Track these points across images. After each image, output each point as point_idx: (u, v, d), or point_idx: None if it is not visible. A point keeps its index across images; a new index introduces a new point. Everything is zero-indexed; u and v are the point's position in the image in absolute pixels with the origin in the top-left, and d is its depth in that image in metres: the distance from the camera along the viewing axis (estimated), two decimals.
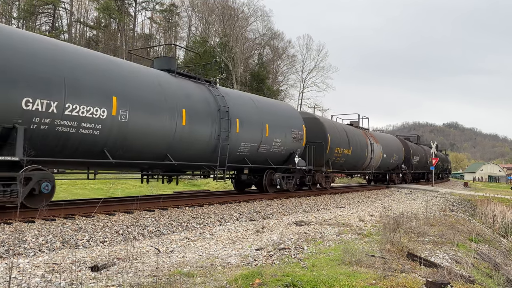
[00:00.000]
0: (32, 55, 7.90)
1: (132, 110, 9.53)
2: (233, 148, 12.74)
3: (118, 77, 9.51)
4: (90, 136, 8.76)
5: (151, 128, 10.01)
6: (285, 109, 16.52)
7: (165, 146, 10.57)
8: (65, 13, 56.38)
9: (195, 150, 11.55)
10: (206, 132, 11.68)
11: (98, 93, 8.82)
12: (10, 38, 7.77)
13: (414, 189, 26.27)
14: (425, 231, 8.91)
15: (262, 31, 62.78)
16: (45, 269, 5.03)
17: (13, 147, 7.49)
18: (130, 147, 9.73)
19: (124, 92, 9.40)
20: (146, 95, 10.02)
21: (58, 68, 8.24)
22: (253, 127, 13.63)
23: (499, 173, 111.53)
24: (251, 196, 14.52)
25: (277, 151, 14.93)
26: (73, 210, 8.91)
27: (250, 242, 7.31)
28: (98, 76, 8.99)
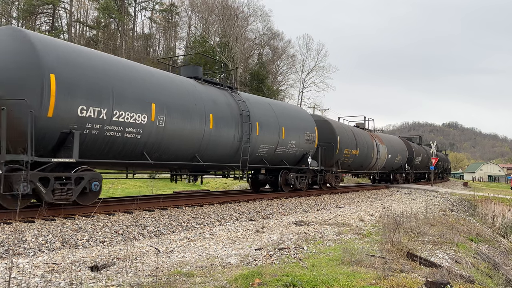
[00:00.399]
0: (87, 68, 8.82)
1: (168, 116, 10.47)
2: (253, 150, 13.71)
3: (156, 86, 10.46)
4: (132, 139, 9.67)
5: (183, 132, 10.97)
6: (299, 112, 17.57)
7: (194, 148, 11.51)
8: (65, 13, 56.36)
9: (220, 152, 12.47)
10: (230, 135, 12.62)
11: (139, 101, 9.77)
12: (71, 53, 8.73)
13: (413, 189, 26.29)
14: (425, 231, 8.92)
15: (262, 31, 62.83)
16: (45, 269, 5.03)
17: (70, 150, 8.37)
18: (166, 149, 10.65)
19: (161, 99, 10.35)
20: (179, 101, 10.96)
21: (107, 79, 9.19)
22: (271, 130, 14.57)
23: (499, 173, 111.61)
24: (252, 196, 14.53)
25: (292, 152, 15.81)
26: (73, 210, 8.91)
27: (250, 242, 7.31)
28: (139, 85, 9.94)
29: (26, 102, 7.68)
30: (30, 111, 7.67)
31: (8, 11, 51.59)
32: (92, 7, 58.17)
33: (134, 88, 9.75)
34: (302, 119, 16.90)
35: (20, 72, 7.95)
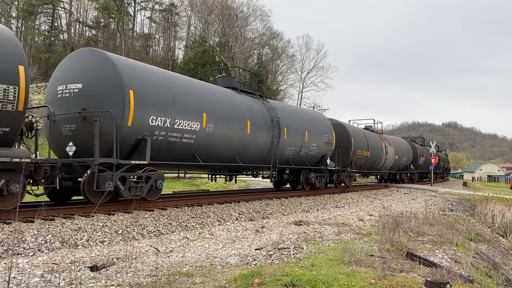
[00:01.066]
0: (155, 84, 10.42)
1: (216, 123, 12.01)
2: (281, 152, 15.28)
3: (206, 97, 12.08)
4: (187, 144, 11.18)
5: (227, 137, 12.52)
6: (318, 117, 19.29)
7: (234, 151, 13.06)
8: (64, 13, 56.34)
9: (255, 154, 14.01)
10: (263, 139, 14.21)
11: (194, 111, 11.32)
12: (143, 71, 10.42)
13: (413, 188, 26.30)
14: (424, 231, 8.92)
15: (262, 30, 62.85)
16: (44, 269, 5.03)
17: (143, 153, 9.82)
18: (213, 152, 12.19)
19: (210, 109, 11.91)
20: (224, 110, 12.54)
21: (171, 93, 10.74)
22: (297, 134, 16.17)
23: (498, 172, 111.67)
24: (252, 196, 14.53)
25: (313, 154, 17.44)
26: (73, 210, 8.91)
27: (250, 241, 7.31)
28: (194, 97, 11.56)
29: (112, 114, 9.10)
30: (115, 121, 9.13)
31: (7, 11, 51.56)
32: (92, 7, 58.16)
33: (191, 100, 11.37)
34: (321, 124, 18.52)
35: (105, 89, 9.39)
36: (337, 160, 19.30)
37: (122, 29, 55.66)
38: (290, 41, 69.39)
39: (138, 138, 9.80)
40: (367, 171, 25.10)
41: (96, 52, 10.11)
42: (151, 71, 10.85)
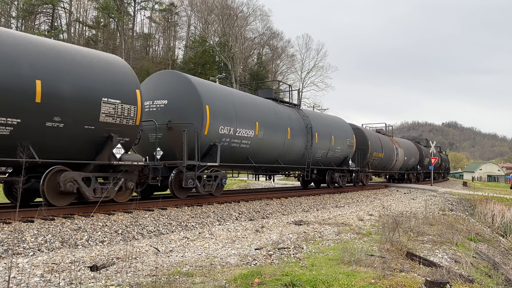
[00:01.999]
0: (222, 99, 12.60)
1: (265, 130, 14.10)
2: (313, 154, 17.46)
3: (257, 109, 14.30)
4: (244, 148, 13.31)
5: (273, 142, 14.65)
6: (342, 123, 21.34)
7: (278, 154, 15.24)
8: (64, 12, 56.34)
9: (293, 156, 16.22)
10: (299, 143, 16.38)
11: (250, 120, 13.45)
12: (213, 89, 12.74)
13: (413, 188, 26.31)
14: (424, 231, 8.92)
15: (261, 30, 62.86)
16: (44, 268, 5.02)
17: (214, 157, 11.90)
18: (262, 155, 14.34)
19: (261, 118, 14.04)
20: (270, 119, 14.68)
21: (233, 107, 12.81)
22: (325, 139, 18.33)
23: (498, 172, 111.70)
24: (252, 196, 14.53)
25: (337, 155, 19.69)
26: (72, 210, 8.90)
27: (250, 241, 7.31)
28: (249, 109, 13.76)
29: (194, 125, 11.19)
30: (196, 131, 11.21)
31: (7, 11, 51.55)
32: (92, 7, 58.16)
33: (247, 112, 13.47)
34: (344, 129, 20.67)
35: (187, 104, 11.59)
36: (357, 161, 21.46)
37: (122, 29, 55.67)
38: (290, 41, 69.38)
39: (210, 144, 11.96)
40: (380, 171, 27.48)
41: (178, 74, 12.48)
42: (220, 89, 13.43)
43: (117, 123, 9.15)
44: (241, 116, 12.96)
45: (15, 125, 7.50)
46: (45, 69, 7.93)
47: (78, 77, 8.47)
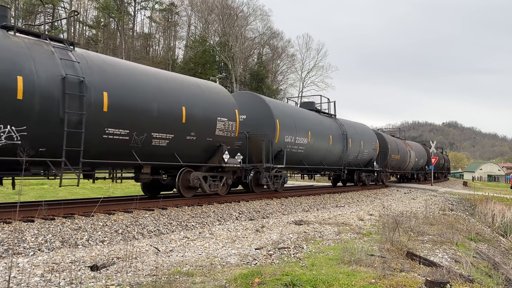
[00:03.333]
0: (287, 114, 15.98)
1: (315, 138, 17.37)
2: (347, 157, 20.65)
3: (309, 120, 17.61)
4: (300, 153, 16.49)
5: (319, 147, 17.85)
6: (367, 129, 24.95)
7: (322, 157, 18.45)
8: (65, 12, 56.31)
9: (332, 159, 19.47)
10: (338, 148, 19.59)
11: (305, 130, 16.68)
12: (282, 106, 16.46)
13: (413, 188, 26.30)
14: (425, 230, 8.92)
15: (262, 30, 62.80)
16: (45, 268, 5.03)
17: (281, 160, 15.05)
18: (311, 158, 17.56)
19: (312, 128, 17.33)
20: (318, 128, 17.99)
21: (293, 119, 16.07)
22: (356, 143, 21.49)
23: (499, 172, 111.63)
24: (252, 196, 14.54)
25: (364, 158, 22.86)
26: (73, 210, 8.91)
27: (250, 241, 7.31)
28: (304, 121, 16.98)
29: (268, 135, 14.34)
30: (270, 140, 14.30)
31: None
32: (92, 7, 58.15)
33: (302, 123, 16.68)
34: (370, 135, 24.03)
35: (262, 119, 14.78)
36: (379, 163, 24.76)
37: (122, 29, 55.66)
38: (290, 41, 69.28)
39: (278, 150, 15.00)
40: (397, 171, 30.83)
41: (255, 95, 16.04)
42: (285, 106, 17.19)
43: (225, 135, 12.38)
44: (299, 127, 16.28)
45: (170, 139, 10.60)
46: (187, 98, 11.18)
47: (203, 103, 11.71)
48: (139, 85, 9.87)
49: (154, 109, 10.06)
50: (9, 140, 7.57)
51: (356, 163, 22.05)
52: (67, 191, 17.27)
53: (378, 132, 26.94)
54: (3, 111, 7.42)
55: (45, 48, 8.52)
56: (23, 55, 7.93)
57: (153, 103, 10.06)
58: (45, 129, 8.05)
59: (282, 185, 15.64)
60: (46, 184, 18.79)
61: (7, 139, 7.52)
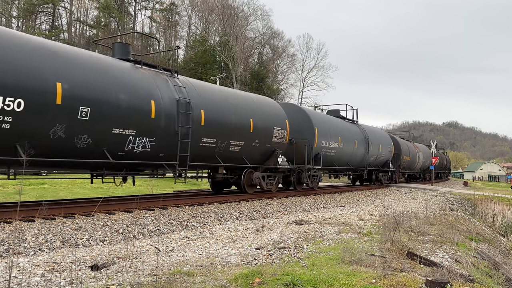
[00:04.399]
0: (322, 123, 18.43)
1: (344, 142, 19.84)
2: (368, 159, 23.20)
3: (339, 126, 20.24)
4: (332, 156, 18.90)
5: (347, 150, 20.31)
6: (384, 134, 28.53)
7: (348, 159, 20.87)
8: (65, 12, 56.36)
9: (357, 161, 22.05)
10: (361, 151, 22.13)
11: (336, 136, 19.17)
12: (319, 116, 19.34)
13: (413, 188, 26.27)
14: (425, 230, 8.92)
15: (262, 30, 62.79)
16: (45, 268, 5.03)
17: (318, 162, 17.44)
18: (340, 160, 19.98)
19: (341, 134, 19.83)
20: (346, 134, 20.45)
21: (328, 127, 18.70)
22: (375, 147, 24.14)
23: (499, 172, 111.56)
24: (252, 196, 14.54)
25: (382, 159, 25.63)
26: (73, 209, 8.91)
27: (250, 241, 7.31)
28: (335, 128, 19.54)
29: (309, 141, 16.78)
30: (310, 145, 16.74)
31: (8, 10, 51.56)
32: (92, 6, 58.18)
33: (334, 130, 19.21)
34: (386, 139, 27.00)
35: (303, 127, 17.15)
36: (393, 164, 27.55)
37: (122, 29, 55.68)
38: (290, 41, 69.28)
39: (316, 154, 17.39)
40: (407, 171, 33.66)
41: (297, 106, 19.25)
42: (321, 115, 20.70)
43: (279, 142, 14.80)
44: (332, 133, 18.78)
45: (241, 145, 13.06)
46: (253, 112, 13.70)
47: (264, 115, 14.28)
48: (223, 103, 12.57)
49: (232, 122, 12.65)
50: (143, 148, 9.96)
51: (375, 164, 24.72)
52: (68, 191, 17.28)
53: (393, 136, 30.03)
54: (142, 127, 9.73)
55: (162, 77, 10.94)
56: (152, 84, 10.33)
57: (231, 116, 12.68)
58: (166, 140, 10.43)
59: (317, 183, 18.38)
60: (47, 184, 18.81)
61: (142, 147, 9.91)
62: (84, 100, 8.55)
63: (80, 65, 8.81)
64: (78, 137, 8.56)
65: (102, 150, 9.07)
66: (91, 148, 8.85)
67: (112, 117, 9.09)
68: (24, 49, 7.91)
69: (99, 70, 9.19)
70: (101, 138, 9.00)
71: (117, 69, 9.74)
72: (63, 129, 8.27)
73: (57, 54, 8.50)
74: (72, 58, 8.80)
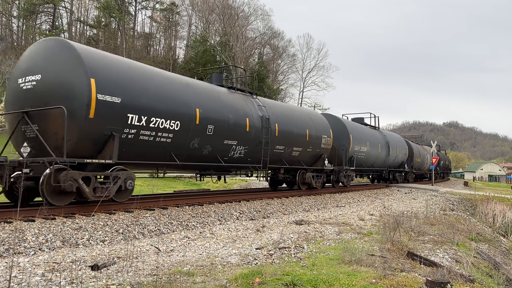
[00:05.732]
0: (356, 131, 21.49)
1: (371, 146, 22.87)
2: (388, 161, 26.87)
3: (367, 133, 23.41)
4: (362, 158, 21.79)
5: (373, 153, 23.34)
6: (400, 138, 31.77)
7: (373, 161, 23.99)
8: (65, 12, 56.38)
9: (380, 162, 25.26)
10: (383, 154, 25.38)
11: (365, 141, 22.11)
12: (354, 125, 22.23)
13: (414, 188, 26.26)
14: (425, 230, 8.91)
15: (262, 30, 62.81)
16: (45, 268, 5.03)
17: (352, 164, 20.25)
18: (367, 162, 22.94)
19: (369, 139, 22.92)
20: (372, 139, 23.56)
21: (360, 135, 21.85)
22: (394, 150, 27.58)
23: (499, 172, 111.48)
24: (253, 195, 14.53)
25: (398, 161, 29.18)
26: (73, 209, 8.91)
27: (250, 241, 7.31)
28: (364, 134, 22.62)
29: (345, 146, 19.67)
30: (346, 149, 19.70)
31: (8, 10, 51.57)
32: (93, 6, 58.21)
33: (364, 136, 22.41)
34: (402, 142, 30.61)
35: (339, 134, 19.72)
36: (407, 165, 31.03)
37: (123, 28, 55.70)
38: (291, 41, 69.47)
39: (350, 156, 20.33)
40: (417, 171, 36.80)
41: (334, 116, 21.08)
42: (354, 123, 22.92)
43: (325, 147, 17.77)
44: (362, 139, 21.80)
45: (300, 151, 16.16)
46: (308, 123, 16.84)
47: (315, 126, 17.31)
48: (289, 117, 15.92)
49: (295, 133, 15.77)
50: (239, 154, 13.07)
51: (393, 165, 28.39)
52: None
53: (406, 140, 33.99)
54: (241, 138, 12.82)
55: (249, 99, 14.18)
56: (245, 105, 13.48)
57: (294, 128, 15.81)
58: (254, 148, 13.51)
59: (350, 182, 21.22)
60: None
61: (239, 154, 13.04)
62: (210, 120, 11.57)
63: (205, 94, 11.91)
64: (204, 146, 11.59)
65: (216, 155, 12.16)
66: (210, 155, 11.97)
67: (224, 131, 12.16)
68: (179, 86, 11.04)
69: (215, 97, 12.29)
70: (217, 147, 12.02)
71: (223, 94, 12.85)
72: (197, 141, 11.27)
73: (192, 87, 11.59)
74: (200, 89, 11.90)
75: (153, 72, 10.60)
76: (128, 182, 9.45)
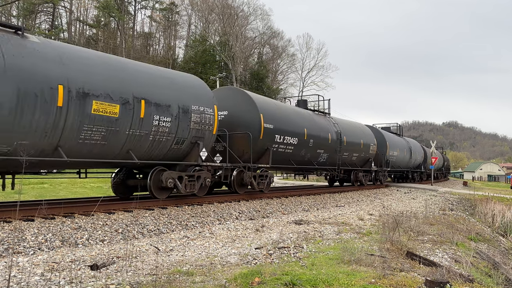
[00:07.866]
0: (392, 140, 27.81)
1: (399, 151, 28.02)
2: (410, 163, 31.57)
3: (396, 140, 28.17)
4: (393, 161, 26.70)
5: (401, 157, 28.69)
6: (417, 143, 37.03)
7: (400, 163, 28.52)
8: (65, 11, 56.32)
9: (405, 164, 30.26)
10: (407, 157, 30.19)
11: (397, 147, 28.07)
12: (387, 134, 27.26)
13: (413, 188, 26.29)
14: (425, 230, 8.92)
15: (262, 30, 62.81)
16: (45, 267, 5.03)
17: (388, 165, 25.45)
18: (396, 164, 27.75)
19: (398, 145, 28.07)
20: (401, 145, 28.90)
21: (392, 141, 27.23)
22: (414, 153, 32.24)
23: (499, 172, 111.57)
24: (252, 195, 14.55)
25: (417, 162, 34.01)
26: (73, 209, 8.91)
27: (250, 241, 7.31)
28: (395, 141, 27.91)
29: (383, 151, 24.56)
30: (383, 154, 24.57)
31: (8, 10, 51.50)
32: (92, 6, 58.15)
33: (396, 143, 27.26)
34: (419, 147, 35.50)
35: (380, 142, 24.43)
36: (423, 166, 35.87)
37: (122, 28, 55.68)
38: (290, 40, 69.43)
39: (386, 159, 24.58)
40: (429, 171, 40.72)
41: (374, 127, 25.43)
42: (389, 133, 27.29)
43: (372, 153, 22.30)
44: (395, 145, 26.74)
45: (356, 156, 20.97)
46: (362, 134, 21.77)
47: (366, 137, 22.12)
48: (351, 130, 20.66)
49: (355, 142, 20.53)
50: (323, 159, 18.02)
51: (413, 166, 33.28)
52: (67, 190, 17.28)
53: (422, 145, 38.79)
54: (326, 148, 17.70)
55: (327, 118, 19.17)
56: (326, 123, 18.43)
57: (355, 139, 20.75)
58: (332, 155, 18.52)
59: (384, 180, 25.48)
60: (46, 183, 18.81)
61: (323, 159, 17.99)
62: (311, 136, 16.52)
63: (307, 118, 17.04)
64: (307, 155, 16.66)
65: (311, 160, 17.19)
66: (308, 160, 17.06)
67: (317, 144, 17.02)
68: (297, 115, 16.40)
69: (311, 119, 17.27)
70: (313, 154, 17.11)
71: (312, 116, 17.67)
72: (304, 151, 16.28)
73: (301, 115, 16.70)
74: (304, 115, 17.02)
75: (285, 106, 16.41)
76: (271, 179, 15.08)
